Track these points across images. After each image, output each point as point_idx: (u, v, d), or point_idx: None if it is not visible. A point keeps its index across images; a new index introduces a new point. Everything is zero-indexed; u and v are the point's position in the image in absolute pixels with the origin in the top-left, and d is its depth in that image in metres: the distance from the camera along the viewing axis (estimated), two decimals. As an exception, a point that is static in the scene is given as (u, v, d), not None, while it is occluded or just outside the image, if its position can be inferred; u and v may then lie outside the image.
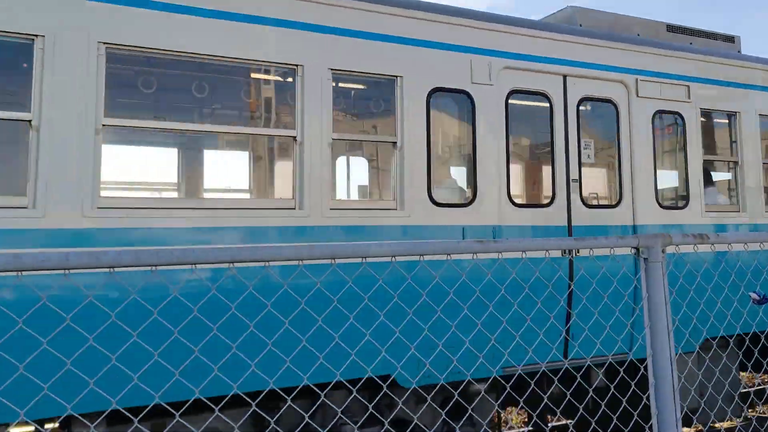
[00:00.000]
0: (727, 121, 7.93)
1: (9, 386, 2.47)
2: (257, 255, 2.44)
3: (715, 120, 7.99)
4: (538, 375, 5.51)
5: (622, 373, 4.19)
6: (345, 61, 5.58)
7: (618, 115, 7.03)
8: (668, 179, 7.55)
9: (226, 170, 6.40)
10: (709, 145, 7.90)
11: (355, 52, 5.63)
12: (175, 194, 7.23)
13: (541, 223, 6.42)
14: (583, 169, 6.79)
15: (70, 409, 2.82)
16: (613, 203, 6.94)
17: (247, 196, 7.08)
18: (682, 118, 7.40)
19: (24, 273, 2.04)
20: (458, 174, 6.28)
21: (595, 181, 7.09)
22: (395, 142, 5.77)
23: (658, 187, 7.16)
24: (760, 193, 7.83)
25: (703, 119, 7.68)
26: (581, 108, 6.85)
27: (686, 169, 7.37)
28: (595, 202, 7.10)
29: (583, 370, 4.62)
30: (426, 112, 5.89)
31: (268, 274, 3.67)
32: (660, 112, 7.29)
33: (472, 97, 6.15)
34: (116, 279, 2.57)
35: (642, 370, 6.65)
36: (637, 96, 7.11)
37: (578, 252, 6.45)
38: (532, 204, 6.80)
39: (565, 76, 6.75)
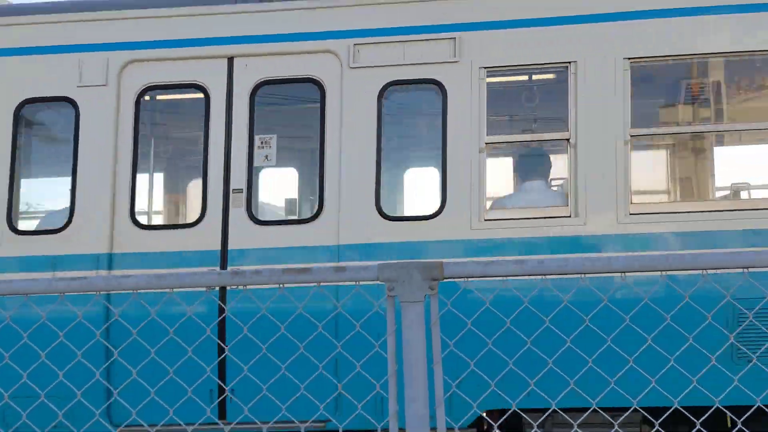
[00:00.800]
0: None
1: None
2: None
3: (532, 80, 5.27)
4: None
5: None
6: None
7: (324, 97, 5.18)
8: (415, 179, 5.28)
9: None
10: (516, 120, 5.27)
11: None
12: None
13: (182, 248, 5.13)
14: (255, 174, 5.20)
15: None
16: (308, 217, 5.14)
17: None
18: (442, 88, 5.08)
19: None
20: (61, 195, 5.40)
21: (280, 189, 5.35)
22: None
23: (382, 191, 5.07)
24: (614, 186, 4.89)
25: (499, 81, 5.17)
26: (260, 96, 5.25)
27: (444, 161, 5.05)
28: (274, 217, 5.39)
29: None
30: (12, 128, 5.22)
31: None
32: (395, 84, 5.14)
33: (77, 104, 5.24)
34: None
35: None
36: (351, 67, 5.14)
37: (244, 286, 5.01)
38: (170, 225, 5.45)
39: (231, 58, 5.26)
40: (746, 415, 2.75)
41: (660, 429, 2.98)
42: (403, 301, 2.37)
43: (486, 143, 5.04)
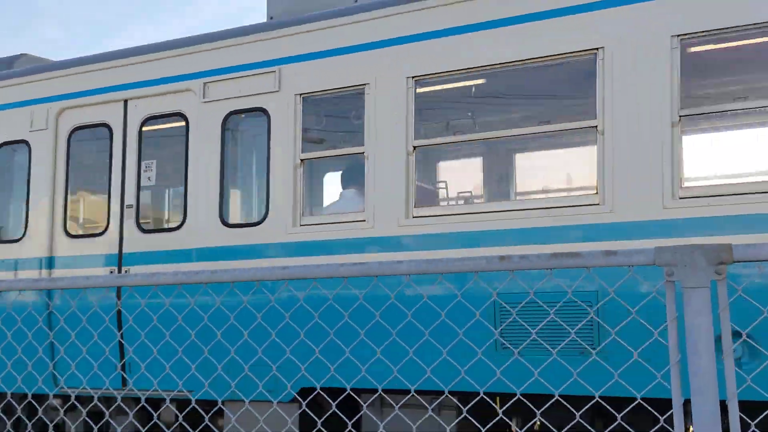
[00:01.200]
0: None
1: None
2: None
3: (340, 103, 5.91)
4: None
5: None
6: None
7: (188, 127, 6.36)
8: (251, 191, 6.19)
9: None
10: (327, 137, 5.95)
11: None
12: None
13: (94, 252, 6.64)
14: (142, 192, 6.53)
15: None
16: (175, 225, 6.36)
17: None
18: (267, 114, 5.99)
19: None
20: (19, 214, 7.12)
21: (159, 204, 6.56)
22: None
23: (224, 203, 6.11)
24: (398, 192, 5.47)
25: (313, 105, 5.93)
26: (146, 129, 6.55)
27: (268, 175, 5.95)
28: (154, 227, 6.61)
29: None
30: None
31: None
32: (236, 113, 6.14)
33: (30, 144, 6.95)
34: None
35: (232, 416, 5.95)
36: (203, 101, 6.25)
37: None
38: (89, 234, 6.86)
39: (125, 101, 6.64)
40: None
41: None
42: (686, 286, 2.22)
43: (301, 159, 5.88)
